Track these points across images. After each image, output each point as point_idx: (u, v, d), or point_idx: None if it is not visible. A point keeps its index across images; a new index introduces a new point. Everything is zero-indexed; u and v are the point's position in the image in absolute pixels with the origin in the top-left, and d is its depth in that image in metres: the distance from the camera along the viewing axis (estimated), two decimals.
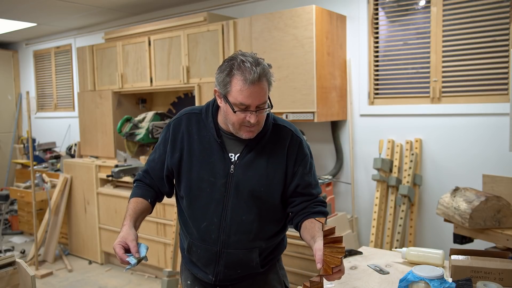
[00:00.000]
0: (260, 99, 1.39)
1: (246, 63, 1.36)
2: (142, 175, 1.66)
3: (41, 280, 3.95)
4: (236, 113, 1.40)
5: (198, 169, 1.52)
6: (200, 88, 3.62)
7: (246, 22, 3.34)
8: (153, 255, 3.85)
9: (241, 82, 1.36)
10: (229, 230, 1.51)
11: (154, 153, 1.65)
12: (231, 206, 1.50)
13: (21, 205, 5.27)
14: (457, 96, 2.96)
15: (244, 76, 1.35)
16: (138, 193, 1.61)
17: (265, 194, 1.51)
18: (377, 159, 3.13)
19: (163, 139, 1.61)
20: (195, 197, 1.53)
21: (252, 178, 1.50)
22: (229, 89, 1.38)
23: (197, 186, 1.52)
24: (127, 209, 1.54)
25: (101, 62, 4.43)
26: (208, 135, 1.52)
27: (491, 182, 2.36)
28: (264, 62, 1.41)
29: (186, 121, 1.57)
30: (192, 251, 1.59)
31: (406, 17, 3.16)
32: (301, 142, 1.57)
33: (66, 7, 4.34)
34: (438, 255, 1.63)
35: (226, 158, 1.50)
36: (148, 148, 4.13)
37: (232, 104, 1.39)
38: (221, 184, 1.50)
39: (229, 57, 1.43)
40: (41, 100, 6.21)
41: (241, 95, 1.36)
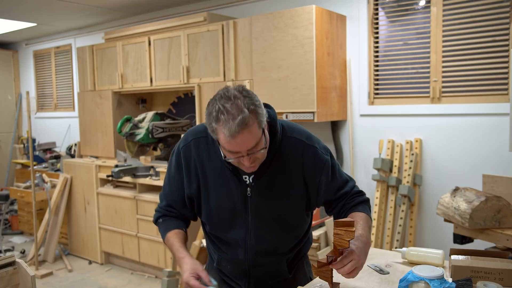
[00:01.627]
0: (247, 145, 1.27)
1: (224, 114, 1.23)
2: (166, 210, 1.59)
3: (41, 280, 3.95)
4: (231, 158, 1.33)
5: (215, 197, 1.47)
6: (200, 88, 3.62)
7: (246, 22, 3.34)
8: (153, 255, 3.85)
9: (223, 135, 1.25)
10: (254, 251, 1.50)
11: (169, 184, 1.56)
12: (254, 229, 1.48)
13: (21, 205, 5.27)
14: (457, 96, 2.96)
15: (224, 130, 1.23)
16: (171, 225, 1.56)
17: (286, 212, 1.48)
18: (377, 159, 3.13)
19: (176, 166, 1.53)
20: (217, 224, 1.51)
21: (271, 199, 1.45)
22: (216, 137, 1.29)
23: (217, 214, 1.49)
24: (172, 243, 1.49)
25: (101, 62, 4.43)
26: (218, 160, 1.45)
27: (491, 182, 2.36)
28: (249, 105, 1.25)
29: (195, 147, 1.49)
30: (222, 266, 1.60)
31: (406, 17, 3.16)
32: (316, 149, 1.47)
33: (66, 7, 4.34)
34: (438, 255, 1.63)
35: (241, 181, 1.45)
36: (148, 148, 4.14)
37: (222, 149, 1.32)
38: (241, 208, 1.46)
39: (213, 99, 1.29)
40: (41, 100, 6.21)
41: (227, 144, 1.27)
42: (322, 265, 1.31)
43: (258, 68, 3.28)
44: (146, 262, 3.94)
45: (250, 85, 3.29)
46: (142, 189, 3.96)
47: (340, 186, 1.52)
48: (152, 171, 3.84)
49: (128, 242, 4.04)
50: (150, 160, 4.04)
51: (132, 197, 3.93)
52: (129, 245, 4.03)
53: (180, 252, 1.46)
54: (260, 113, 1.28)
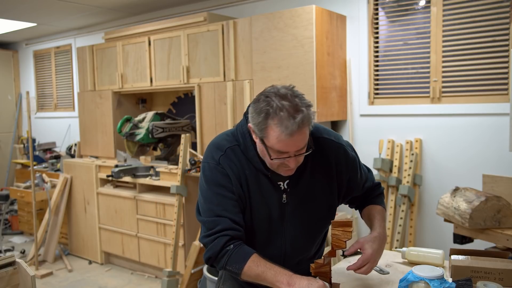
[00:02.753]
0: (299, 146, 1.26)
1: (283, 112, 1.21)
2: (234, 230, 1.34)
3: (41, 280, 3.95)
4: (271, 159, 1.29)
5: (255, 205, 1.40)
6: (200, 88, 3.62)
7: (246, 22, 3.34)
8: (153, 255, 3.85)
9: (278, 133, 1.21)
10: (290, 258, 1.46)
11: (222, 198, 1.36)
12: (290, 237, 1.44)
13: (21, 205, 5.27)
14: (457, 96, 2.96)
15: (281, 128, 1.21)
16: (248, 250, 1.33)
17: (322, 214, 1.46)
18: (377, 159, 3.13)
19: (222, 178, 1.38)
20: (255, 232, 1.42)
21: (307, 205, 1.43)
22: (266, 135, 1.25)
23: (257, 222, 1.41)
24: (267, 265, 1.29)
25: (101, 62, 4.43)
26: (254, 169, 1.40)
27: (491, 182, 2.36)
28: (305, 105, 1.24)
29: (232, 155, 1.40)
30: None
31: (406, 17, 3.16)
32: (345, 148, 1.48)
33: (66, 7, 4.34)
34: (438, 255, 1.63)
35: (276, 187, 1.40)
36: (148, 148, 4.13)
37: (269, 150, 1.27)
38: (277, 216, 1.41)
39: (264, 97, 1.27)
40: (41, 100, 6.21)
41: (278, 144, 1.23)
42: (319, 265, 1.31)
43: (258, 68, 3.27)
44: (146, 262, 3.94)
45: (250, 85, 3.29)
46: (142, 189, 3.96)
47: (365, 180, 1.59)
48: (152, 171, 3.84)
49: (128, 242, 4.04)
50: (150, 160, 4.04)
51: (132, 197, 3.93)
52: (129, 245, 4.03)
53: (287, 271, 1.28)
54: (311, 120, 1.27)
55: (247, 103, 3.29)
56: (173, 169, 3.66)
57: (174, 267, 3.47)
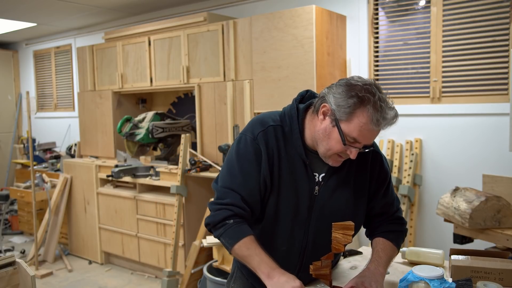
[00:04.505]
0: (372, 140, 1.30)
1: (383, 104, 1.24)
2: (239, 208, 1.34)
3: (41, 280, 3.95)
4: (338, 139, 1.28)
5: (285, 191, 1.37)
6: (200, 88, 3.62)
7: (246, 22, 3.34)
8: (153, 255, 3.85)
9: (369, 120, 1.23)
10: (310, 254, 1.42)
11: (242, 174, 1.36)
12: (314, 230, 1.40)
13: (21, 205, 5.27)
14: (457, 96, 2.96)
15: (375, 117, 1.23)
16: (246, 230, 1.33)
17: (349, 216, 1.40)
18: None
19: (252, 154, 1.36)
20: (279, 220, 1.39)
21: (338, 201, 1.40)
22: (349, 119, 1.25)
23: (283, 210, 1.38)
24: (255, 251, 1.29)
25: (101, 62, 4.43)
26: (293, 153, 1.37)
27: (491, 182, 2.36)
28: (394, 107, 1.28)
29: (273, 134, 1.38)
30: None
31: (406, 17, 3.16)
32: (382, 158, 1.47)
33: (66, 7, 4.34)
34: (438, 255, 1.63)
35: (310, 178, 1.38)
36: (148, 148, 4.14)
37: (344, 134, 1.27)
38: (305, 206, 1.38)
39: (362, 85, 1.27)
40: (41, 100, 6.21)
41: (359, 131, 1.25)
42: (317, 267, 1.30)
43: (258, 68, 3.27)
44: (146, 262, 3.94)
45: (250, 85, 3.29)
46: (142, 189, 3.96)
47: (389, 202, 1.51)
48: (152, 171, 3.84)
49: (128, 242, 4.04)
50: (150, 160, 4.04)
51: (132, 197, 3.93)
52: (129, 245, 4.03)
53: (274, 263, 1.29)
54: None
55: (247, 103, 3.29)
56: (173, 169, 3.66)
57: (174, 267, 3.47)
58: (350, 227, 1.25)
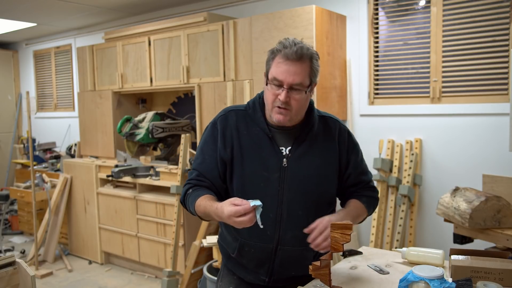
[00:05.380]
0: (294, 78, 1.38)
1: (288, 41, 1.40)
2: (197, 180, 1.53)
3: (41, 280, 3.95)
4: (270, 89, 1.42)
5: (250, 164, 1.48)
6: (200, 88, 3.62)
7: (246, 22, 3.34)
8: (153, 255, 3.85)
9: (279, 56, 1.39)
10: (285, 225, 1.47)
11: (202, 155, 1.55)
12: (287, 201, 1.47)
13: (21, 205, 5.27)
14: (457, 96, 2.96)
15: (283, 51, 1.38)
16: (201, 193, 1.48)
17: (321, 185, 1.50)
18: (377, 159, 3.13)
19: (211, 137, 1.54)
20: (249, 193, 1.46)
21: (306, 170, 1.48)
22: (270, 66, 1.43)
23: (251, 181, 1.48)
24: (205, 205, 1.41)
25: (101, 62, 4.43)
26: (257, 130, 1.50)
27: (491, 182, 2.35)
28: (310, 48, 1.43)
29: (233, 117, 1.54)
30: (243, 252, 1.53)
31: (406, 17, 3.16)
32: (349, 131, 1.59)
33: (66, 7, 4.34)
34: (438, 255, 1.63)
35: (277, 152, 1.48)
36: (148, 148, 4.14)
37: (269, 80, 1.42)
38: (275, 178, 1.46)
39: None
40: (41, 100, 6.21)
41: (276, 68, 1.39)
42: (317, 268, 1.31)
43: (258, 68, 3.27)
44: (146, 262, 3.94)
45: (250, 85, 3.29)
46: (142, 189, 3.96)
47: (363, 171, 1.60)
48: (152, 171, 3.84)
49: (128, 242, 4.04)
50: (150, 160, 4.04)
51: (132, 197, 3.93)
52: (129, 245, 4.03)
53: (213, 204, 1.38)
54: (315, 64, 1.43)
55: None
56: (173, 169, 3.66)
57: (174, 267, 3.47)
58: (349, 227, 1.25)
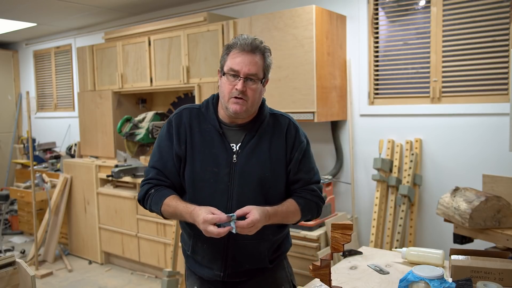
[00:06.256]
0: (250, 68, 1.46)
1: (243, 36, 1.49)
2: (157, 180, 1.56)
3: (41, 280, 3.95)
4: (227, 81, 1.47)
5: (200, 160, 1.52)
6: (200, 88, 3.62)
7: (246, 22, 3.34)
8: (153, 255, 3.85)
9: (234, 50, 1.48)
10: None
11: (158, 152, 1.59)
12: (236, 196, 1.50)
13: (21, 205, 5.27)
14: (457, 96, 2.96)
15: (238, 44, 1.47)
16: (167, 193, 1.53)
17: (270, 180, 1.53)
18: (377, 159, 3.13)
19: (166, 134, 1.59)
20: (199, 188, 1.52)
21: (255, 165, 1.51)
22: (225, 60, 1.49)
23: (200, 177, 1.52)
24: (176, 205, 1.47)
25: (101, 62, 4.43)
26: (209, 127, 1.55)
27: (491, 182, 2.35)
28: (263, 45, 1.51)
29: (187, 115, 1.59)
30: (197, 248, 1.56)
31: (406, 17, 3.16)
32: (298, 129, 1.62)
33: (66, 7, 4.34)
34: (438, 255, 1.63)
35: (228, 148, 1.52)
36: (148, 148, 4.14)
37: (225, 72, 1.49)
38: (225, 173, 1.50)
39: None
40: (41, 100, 6.21)
41: (232, 60, 1.47)
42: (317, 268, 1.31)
43: None
44: (146, 262, 3.94)
45: None
46: None
47: (304, 170, 1.60)
48: None
49: (128, 242, 4.04)
50: None
51: (132, 197, 3.93)
52: (129, 245, 4.03)
53: (189, 207, 1.44)
54: (267, 59, 1.52)
55: None
56: None
57: (174, 267, 3.47)
58: (349, 227, 1.25)
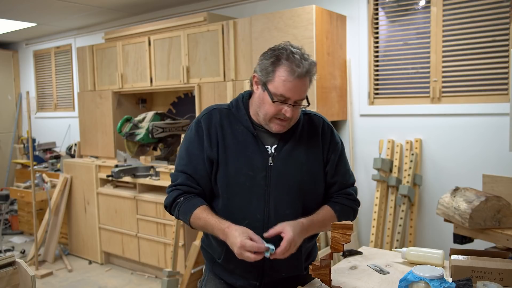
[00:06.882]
0: (300, 94, 1.37)
1: (296, 55, 1.34)
2: (187, 186, 1.44)
3: (41, 280, 3.95)
4: (273, 104, 1.36)
5: (234, 163, 1.42)
6: (200, 88, 3.62)
7: (246, 22, 3.34)
8: (153, 255, 3.85)
9: (287, 73, 1.33)
10: (273, 225, 1.39)
11: (187, 156, 1.46)
12: (274, 201, 1.42)
13: (21, 205, 5.27)
14: (457, 96, 2.96)
15: (291, 68, 1.32)
16: (197, 202, 1.42)
17: (308, 183, 1.46)
18: (377, 159, 3.13)
19: (195, 136, 1.47)
20: (234, 193, 1.43)
21: (292, 168, 1.44)
22: (272, 78, 1.36)
23: (235, 181, 1.42)
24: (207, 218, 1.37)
25: (101, 62, 4.43)
26: (241, 128, 1.46)
27: (491, 182, 2.35)
28: (311, 58, 1.39)
29: (216, 115, 1.49)
30: (230, 257, 1.40)
31: (406, 17, 3.16)
32: (332, 129, 1.56)
33: (66, 7, 4.34)
34: (438, 255, 1.63)
35: (262, 150, 1.44)
36: (148, 148, 4.13)
37: (272, 94, 1.36)
38: (261, 177, 1.42)
39: (278, 45, 1.40)
40: (41, 100, 6.21)
41: (283, 86, 1.34)
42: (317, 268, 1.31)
43: None
44: (146, 262, 3.94)
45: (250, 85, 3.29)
46: (142, 189, 3.95)
47: (340, 172, 1.54)
48: (152, 171, 3.84)
49: (128, 242, 4.04)
50: (150, 160, 4.04)
51: (132, 197, 3.93)
52: (129, 245, 4.03)
53: (222, 223, 1.34)
54: (315, 74, 1.41)
55: None
56: (173, 169, 3.65)
57: (174, 267, 3.46)
58: (349, 227, 1.25)
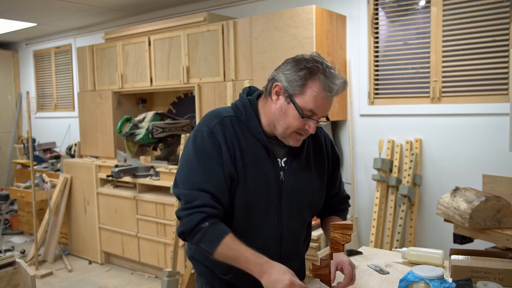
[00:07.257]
0: (327, 111, 1.31)
1: (332, 70, 1.28)
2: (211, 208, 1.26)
3: (41, 280, 3.95)
4: (300, 119, 1.28)
5: (253, 180, 1.32)
6: (200, 88, 3.62)
7: (246, 22, 3.34)
8: (153, 255, 3.85)
9: (321, 89, 1.25)
10: (287, 242, 1.39)
11: (205, 171, 1.28)
12: (286, 217, 1.38)
13: (21, 205, 5.27)
14: (457, 96, 2.96)
15: (327, 84, 1.25)
16: (225, 229, 1.27)
17: (318, 198, 1.46)
18: (377, 159, 3.13)
19: (211, 148, 1.30)
20: (251, 211, 1.34)
21: (303, 183, 1.40)
22: (302, 92, 1.26)
23: (254, 199, 1.33)
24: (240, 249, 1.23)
25: (101, 62, 4.43)
26: (253, 140, 1.35)
27: (491, 182, 2.35)
28: (342, 75, 1.33)
29: (228, 124, 1.34)
30: (240, 274, 1.29)
31: (406, 17, 3.16)
32: (332, 142, 1.56)
33: (66, 7, 4.34)
34: (438, 255, 1.63)
35: (274, 163, 1.36)
36: (148, 148, 4.14)
37: (301, 108, 1.27)
38: (274, 194, 1.36)
39: (308, 56, 1.31)
40: (41, 100, 6.21)
41: (315, 102, 1.26)
42: (317, 267, 1.31)
43: (258, 68, 3.27)
44: (146, 262, 3.94)
45: (250, 85, 3.29)
46: (142, 189, 3.95)
47: (341, 182, 1.59)
48: (152, 171, 3.84)
49: (128, 242, 4.04)
50: (150, 160, 4.04)
51: (132, 197, 3.93)
52: (129, 245, 4.03)
53: (260, 257, 1.23)
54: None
55: None
56: (173, 169, 3.66)
57: (174, 267, 3.47)
58: (349, 227, 1.25)
